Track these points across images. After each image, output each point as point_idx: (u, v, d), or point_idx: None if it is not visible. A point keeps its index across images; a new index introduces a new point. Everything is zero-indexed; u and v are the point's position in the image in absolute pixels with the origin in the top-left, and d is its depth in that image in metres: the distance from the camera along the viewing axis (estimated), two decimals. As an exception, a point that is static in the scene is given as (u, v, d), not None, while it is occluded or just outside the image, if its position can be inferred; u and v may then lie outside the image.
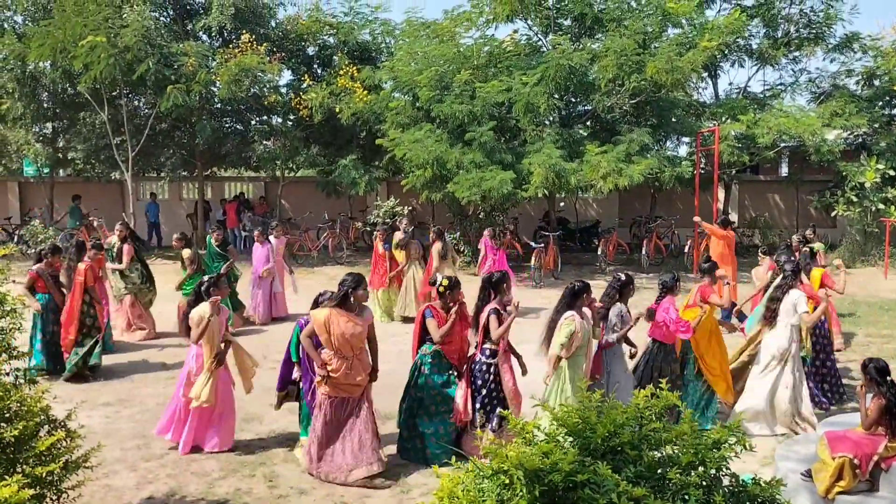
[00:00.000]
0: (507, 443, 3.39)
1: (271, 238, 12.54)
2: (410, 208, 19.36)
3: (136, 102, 20.01)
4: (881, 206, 17.88)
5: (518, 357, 6.72)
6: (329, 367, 6.01)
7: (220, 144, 19.64)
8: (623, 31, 16.14)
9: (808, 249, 10.62)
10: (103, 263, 10.23)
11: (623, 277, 6.99)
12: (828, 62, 22.86)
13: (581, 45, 16.92)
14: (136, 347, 10.57)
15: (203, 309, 6.62)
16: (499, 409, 6.29)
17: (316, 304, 6.49)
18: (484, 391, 6.45)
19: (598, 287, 7.43)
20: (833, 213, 19.39)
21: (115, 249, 10.95)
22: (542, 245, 16.78)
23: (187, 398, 6.64)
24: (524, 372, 6.65)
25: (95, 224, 13.73)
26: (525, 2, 16.99)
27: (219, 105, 19.23)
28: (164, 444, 6.87)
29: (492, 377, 6.45)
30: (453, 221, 18.77)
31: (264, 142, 20.86)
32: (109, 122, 18.13)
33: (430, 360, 6.60)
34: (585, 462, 3.09)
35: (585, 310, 6.57)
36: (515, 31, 18.10)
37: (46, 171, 21.14)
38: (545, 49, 17.73)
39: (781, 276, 7.60)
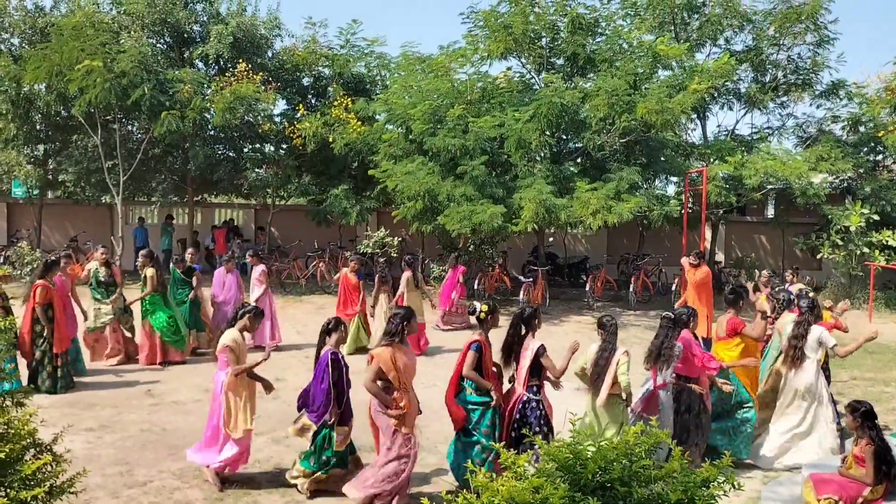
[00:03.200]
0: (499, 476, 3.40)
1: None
2: (401, 239, 19.43)
3: (129, 127, 20.06)
4: (866, 249, 18.10)
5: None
6: (402, 405, 5.98)
7: (212, 171, 19.68)
8: (614, 72, 16.43)
9: (802, 291, 10.70)
10: (74, 278, 10.20)
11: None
12: (814, 108, 23.42)
13: (573, 84, 17.19)
14: (119, 373, 10.48)
15: (236, 335, 6.54)
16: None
17: (324, 335, 6.36)
18: (536, 428, 6.26)
19: (585, 323, 7.46)
20: (818, 256, 19.61)
21: (97, 274, 10.84)
22: (531, 279, 16.86)
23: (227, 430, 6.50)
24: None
25: (99, 250, 13.28)
26: (519, 40, 17.30)
27: (212, 132, 19.32)
28: (147, 472, 6.80)
29: (540, 413, 6.33)
30: (443, 253, 18.82)
31: (256, 169, 20.93)
32: (102, 145, 18.15)
33: (479, 406, 6.38)
34: (576, 497, 3.11)
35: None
36: (509, 69, 18.38)
37: (36, 192, 21.08)
38: (538, 87, 17.98)
39: (798, 313, 7.63)
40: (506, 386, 6.63)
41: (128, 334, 11.19)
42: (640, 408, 6.78)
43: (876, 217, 18.29)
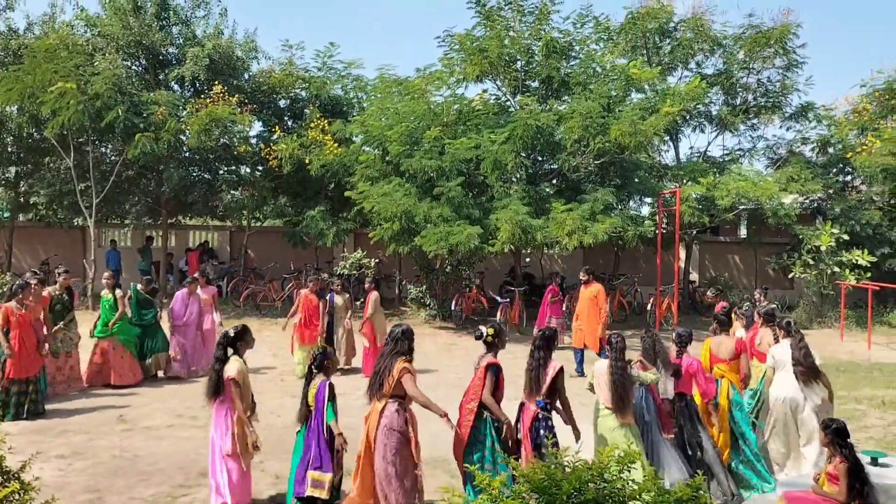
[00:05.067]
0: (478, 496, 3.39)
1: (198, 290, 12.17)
2: (377, 260, 19.40)
3: (102, 149, 19.92)
4: (836, 269, 18.39)
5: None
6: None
7: (187, 193, 19.57)
8: (588, 95, 16.65)
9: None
10: (45, 304, 10.04)
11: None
12: (784, 130, 23.80)
13: (548, 107, 17.40)
14: (91, 398, 10.32)
15: (241, 365, 6.28)
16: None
17: (322, 360, 6.23)
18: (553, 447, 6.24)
19: (562, 343, 7.47)
20: (790, 275, 19.90)
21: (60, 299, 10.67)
22: (508, 300, 16.91)
23: (236, 458, 6.29)
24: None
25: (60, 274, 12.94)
26: (494, 63, 17.49)
27: (187, 153, 19.23)
28: (118, 499, 6.67)
29: (550, 430, 6.26)
30: (420, 274, 18.82)
31: (232, 191, 20.84)
32: (75, 167, 17.99)
33: (495, 427, 6.26)
34: (550, 519, 3.11)
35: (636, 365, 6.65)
36: (485, 91, 18.56)
37: (7, 215, 20.79)
38: (513, 109, 18.16)
39: (788, 334, 7.70)
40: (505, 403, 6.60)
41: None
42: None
43: (846, 237, 18.62)
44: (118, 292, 10.98)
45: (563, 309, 14.60)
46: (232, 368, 6.22)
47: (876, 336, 16.34)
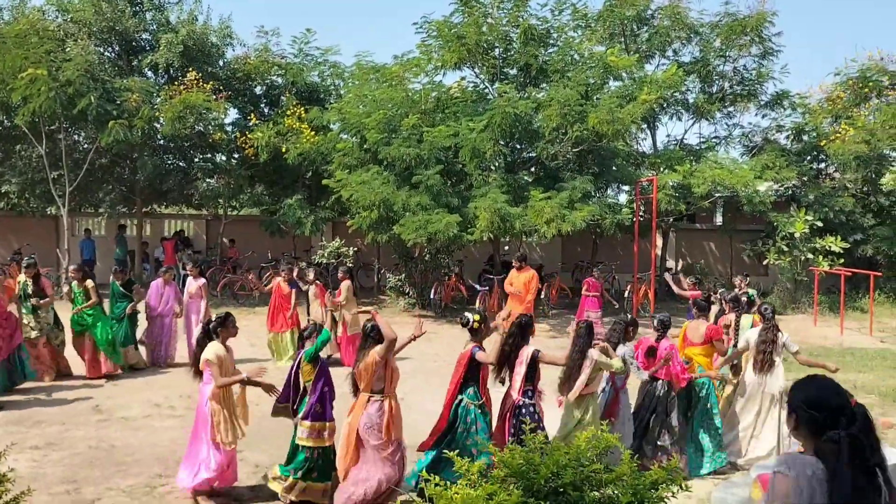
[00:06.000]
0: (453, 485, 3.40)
1: (189, 278, 12.09)
2: (356, 249, 19.34)
3: (75, 137, 19.61)
4: (810, 255, 18.64)
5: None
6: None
7: (162, 181, 19.36)
8: (566, 83, 16.66)
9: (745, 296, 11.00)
10: (11, 293, 9.92)
11: (629, 318, 7.41)
12: (760, 118, 24.07)
13: (526, 94, 17.38)
14: (67, 389, 10.20)
15: (218, 348, 6.40)
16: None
17: (302, 340, 6.46)
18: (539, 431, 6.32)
19: (540, 330, 7.54)
20: (765, 262, 20.13)
21: (25, 287, 10.49)
22: (487, 288, 16.94)
23: (215, 441, 6.35)
24: None
25: (24, 261, 12.82)
26: (472, 51, 17.42)
27: (161, 141, 19.00)
28: (95, 490, 6.62)
29: (535, 416, 6.34)
30: (399, 263, 18.80)
31: (207, 179, 20.64)
32: (47, 155, 17.70)
33: (478, 410, 6.37)
34: (528, 503, 3.13)
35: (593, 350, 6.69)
36: (463, 79, 18.49)
37: (-23, 204, 20.46)
38: (491, 97, 18.13)
39: (764, 319, 7.82)
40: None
41: (57, 349, 10.89)
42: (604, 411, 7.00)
43: (819, 224, 18.87)
44: (90, 283, 10.76)
45: (602, 302, 14.46)
46: (208, 351, 6.35)
47: (848, 321, 16.60)
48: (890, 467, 2.62)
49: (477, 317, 6.50)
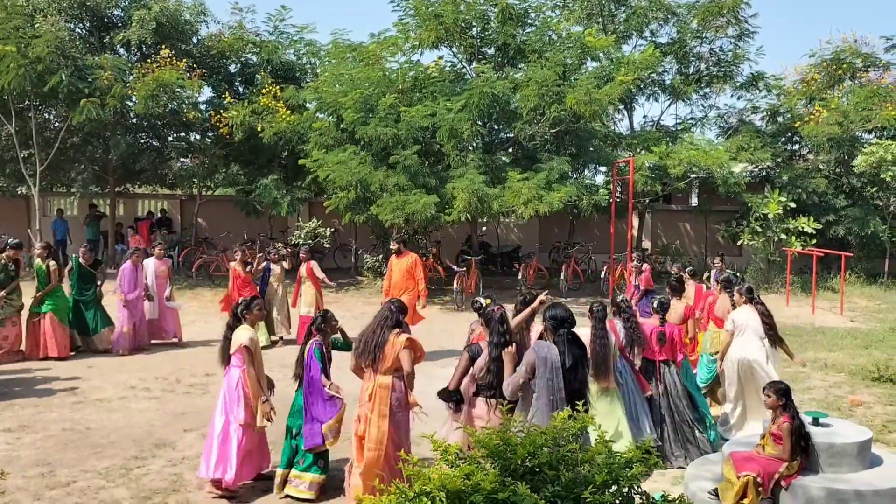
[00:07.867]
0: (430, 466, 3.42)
1: (150, 260, 11.97)
2: (333, 229, 19.24)
3: (46, 115, 19.25)
4: (783, 236, 18.86)
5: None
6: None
7: (135, 160, 19.07)
8: (544, 63, 16.62)
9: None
10: None
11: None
12: (735, 99, 24.12)
13: (504, 74, 17.32)
14: (41, 370, 10.10)
15: (252, 333, 6.21)
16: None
17: (320, 326, 6.21)
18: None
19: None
20: (739, 242, 20.35)
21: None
22: (464, 268, 16.96)
23: (251, 426, 6.14)
24: None
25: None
26: (450, 30, 17.31)
27: (134, 120, 18.72)
28: (70, 472, 6.57)
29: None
30: (376, 244, 18.74)
31: (182, 159, 20.37)
32: (17, 134, 17.36)
33: None
34: (506, 482, 3.16)
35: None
36: (440, 58, 18.36)
37: (-55, 184, 20.03)
38: (469, 76, 18.05)
39: (749, 300, 8.01)
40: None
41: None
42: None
43: (793, 204, 19.06)
44: (51, 264, 10.65)
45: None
46: (244, 336, 6.13)
47: (819, 301, 16.86)
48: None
49: (489, 301, 6.37)
